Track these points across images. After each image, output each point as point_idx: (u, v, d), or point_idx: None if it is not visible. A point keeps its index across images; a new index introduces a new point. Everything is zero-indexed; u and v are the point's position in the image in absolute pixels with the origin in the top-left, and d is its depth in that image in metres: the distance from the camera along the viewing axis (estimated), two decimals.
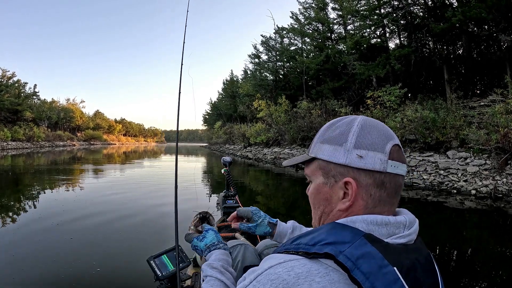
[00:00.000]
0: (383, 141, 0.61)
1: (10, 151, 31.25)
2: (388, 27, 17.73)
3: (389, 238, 0.56)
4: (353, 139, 0.61)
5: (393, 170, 0.60)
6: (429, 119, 10.22)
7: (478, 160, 8.48)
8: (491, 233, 4.78)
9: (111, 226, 4.50)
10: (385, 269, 0.49)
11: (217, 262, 0.94)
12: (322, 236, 0.55)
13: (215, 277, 0.89)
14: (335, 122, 0.67)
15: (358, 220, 0.57)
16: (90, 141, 74.46)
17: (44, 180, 9.81)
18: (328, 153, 0.63)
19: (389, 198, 0.61)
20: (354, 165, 0.60)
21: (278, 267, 0.53)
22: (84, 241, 3.82)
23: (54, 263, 3.10)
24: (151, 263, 1.21)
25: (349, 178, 0.60)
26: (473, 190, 7.30)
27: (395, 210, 0.64)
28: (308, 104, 19.52)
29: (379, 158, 0.59)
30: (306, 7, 24.67)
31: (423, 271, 0.56)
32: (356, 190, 0.60)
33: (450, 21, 11.51)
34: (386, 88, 14.90)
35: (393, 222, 0.58)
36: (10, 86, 46.72)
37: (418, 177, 8.71)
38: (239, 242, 1.33)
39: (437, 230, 4.87)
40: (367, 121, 0.64)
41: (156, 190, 7.86)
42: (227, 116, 48.67)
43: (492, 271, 3.30)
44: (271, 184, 9.25)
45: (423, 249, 0.61)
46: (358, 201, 0.60)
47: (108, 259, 3.25)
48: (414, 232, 0.60)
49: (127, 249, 3.61)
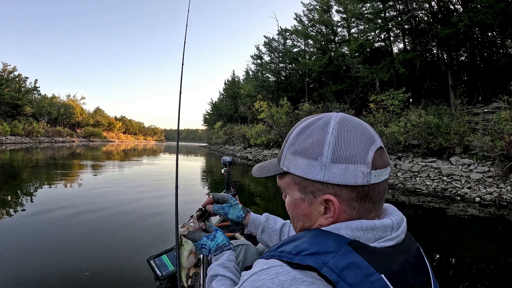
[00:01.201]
0: (364, 149, 0.54)
1: (8, 145, 31.17)
2: (393, 31, 17.64)
3: (376, 242, 0.53)
4: (329, 151, 0.54)
5: (377, 179, 0.55)
6: (433, 124, 10.10)
7: (482, 167, 8.36)
8: (493, 242, 4.70)
9: (111, 226, 4.43)
10: (372, 277, 0.47)
11: (230, 262, 0.92)
12: (305, 245, 0.52)
13: (228, 277, 0.87)
14: (305, 128, 0.59)
15: (342, 226, 0.54)
16: (90, 138, 74.42)
17: (41, 175, 9.68)
18: (302, 169, 0.57)
19: (374, 205, 0.57)
20: (333, 181, 0.54)
21: (262, 274, 0.51)
22: (83, 241, 3.76)
23: (51, 263, 3.03)
24: (151, 263, 1.18)
25: (329, 195, 0.55)
26: (477, 197, 7.18)
27: (380, 214, 0.59)
28: (310, 107, 19.39)
29: (360, 171, 0.54)
30: (310, 9, 24.60)
31: (414, 272, 0.54)
32: (339, 207, 0.55)
33: (456, 26, 11.40)
34: (389, 92, 14.80)
35: (379, 226, 0.55)
36: (11, 80, 46.70)
37: (421, 183, 8.58)
38: (241, 242, 1.31)
39: (438, 237, 4.78)
40: (344, 125, 0.56)
41: (156, 190, 7.74)
42: (228, 117, 48.57)
43: (494, 279, 3.23)
44: (271, 186, 9.13)
45: (412, 247, 0.59)
46: (342, 215, 0.56)
47: (107, 259, 3.21)
48: (402, 232, 0.57)
49: (127, 248, 3.55)
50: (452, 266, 3.65)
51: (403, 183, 8.92)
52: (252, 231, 1.12)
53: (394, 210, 0.62)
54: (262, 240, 1.11)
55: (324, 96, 21.56)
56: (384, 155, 0.58)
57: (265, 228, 1.09)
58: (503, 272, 3.43)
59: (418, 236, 4.84)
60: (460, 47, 15.34)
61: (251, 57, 31.46)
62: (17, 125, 41.61)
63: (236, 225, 1.19)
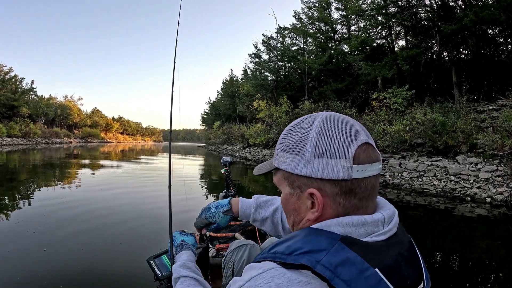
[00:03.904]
0: (345, 144, 0.55)
1: (5, 147, 30.88)
2: (394, 29, 17.39)
3: (368, 237, 0.54)
4: (311, 147, 0.56)
5: (360, 174, 0.55)
6: (438, 122, 9.84)
7: (490, 166, 8.10)
8: (503, 243, 4.54)
9: (111, 226, 4.45)
10: (367, 272, 0.48)
11: (191, 263, 0.99)
12: (298, 244, 0.53)
13: (192, 277, 0.93)
14: (294, 126, 0.62)
15: (333, 223, 0.55)
16: (87, 139, 74.07)
17: (38, 176, 9.65)
18: (289, 164, 0.59)
19: (362, 201, 0.57)
20: (315, 175, 0.56)
21: (258, 279, 0.51)
22: (83, 241, 3.75)
23: (49, 263, 3.02)
24: (151, 263, 1.18)
25: (313, 189, 0.56)
26: (488, 197, 6.92)
27: (372, 211, 0.59)
28: (311, 105, 19.10)
29: (341, 165, 0.54)
30: (309, 6, 24.34)
31: (407, 264, 0.55)
32: (322, 200, 0.56)
33: (461, 21, 11.12)
34: (392, 89, 14.53)
35: (370, 221, 0.55)
36: (7, 81, 46.28)
37: (429, 183, 8.30)
38: (245, 242, 1.32)
39: (449, 238, 4.67)
40: (328, 121, 0.58)
41: (156, 190, 7.73)
42: (226, 116, 48.25)
43: (502, 280, 3.18)
44: (270, 187, 9.02)
45: (404, 238, 0.60)
46: (327, 210, 0.56)
47: (107, 258, 3.23)
48: (394, 225, 0.58)
49: (126, 249, 3.55)
50: (460, 266, 3.57)
51: (409, 183, 8.65)
52: (244, 220, 1.16)
53: (385, 204, 0.62)
54: (255, 226, 1.14)
55: (325, 95, 21.30)
56: (372, 151, 0.57)
57: (255, 218, 1.10)
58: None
59: (430, 237, 4.71)
60: (464, 44, 15.08)
61: (250, 56, 31.21)
62: (14, 126, 41.21)
63: None
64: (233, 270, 1.24)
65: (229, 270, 1.25)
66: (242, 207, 1.11)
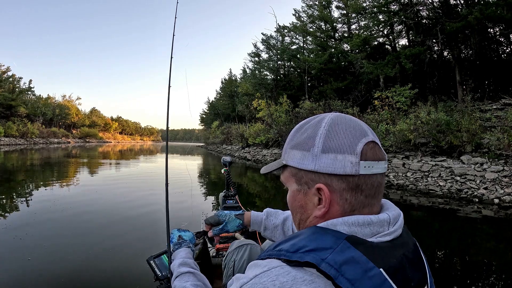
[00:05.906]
0: (353, 141, 0.56)
1: (2, 147, 30.67)
2: (395, 27, 17.21)
3: (373, 237, 0.54)
4: (320, 143, 0.57)
5: (367, 171, 0.56)
6: (443, 121, 9.65)
7: (495, 166, 7.92)
8: (509, 245, 4.42)
9: (110, 225, 4.44)
10: (371, 272, 0.48)
11: (189, 259, 1.05)
12: (303, 242, 0.53)
13: (191, 273, 0.98)
14: (303, 124, 0.64)
15: (339, 222, 0.55)
16: (86, 139, 73.77)
17: (36, 176, 9.61)
18: (297, 160, 0.60)
19: (368, 199, 0.57)
20: (323, 170, 0.56)
21: (263, 276, 0.50)
22: (83, 241, 3.71)
23: (48, 263, 3.01)
24: (151, 263, 1.19)
25: (321, 184, 0.57)
26: (496, 198, 6.73)
27: (377, 210, 0.59)
28: (312, 104, 18.89)
29: (349, 160, 0.55)
30: (309, 4, 24.15)
31: (411, 266, 0.55)
32: (329, 196, 0.56)
33: (466, 19, 10.94)
34: (395, 88, 14.33)
35: (376, 221, 0.55)
36: (4, 80, 46.08)
37: (434, 183, 8.11)
38: (245, 242, 1.33)
39: (450, 239, 4.61)
40: (336, 120, 0.59)
41: (154, 189, 7.70)
42: (225, 116, 48.01)
43: (509, 284, 3.11)
44: (270, 187, 8.94)
45: (409, 241, 0.60)
46: (334, 206, 0.57)
47: (107, 258, 3.21)
48: (399, 227, 0.58)
49: (126, 249, 3.53)
50: (464, 268, 3.52)
51: (414, 184, 8.46)
52: (256, 230, 1.17)
53: (391, 205, 0.62)
54: (266, 237, 1.15)
55: (325, 94, 21.09)
56: (378, 150, 0.58)
57: (266, 225, 1.13)
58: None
59: (434, 238, 4.63)
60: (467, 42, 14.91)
61: (249, 55, 30.98)
62: (11, 126, 40.98)
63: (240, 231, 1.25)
64: (233, 270, 1.25)
65: (230, 270, 1.27)
66: (254, 215, 1.17)
